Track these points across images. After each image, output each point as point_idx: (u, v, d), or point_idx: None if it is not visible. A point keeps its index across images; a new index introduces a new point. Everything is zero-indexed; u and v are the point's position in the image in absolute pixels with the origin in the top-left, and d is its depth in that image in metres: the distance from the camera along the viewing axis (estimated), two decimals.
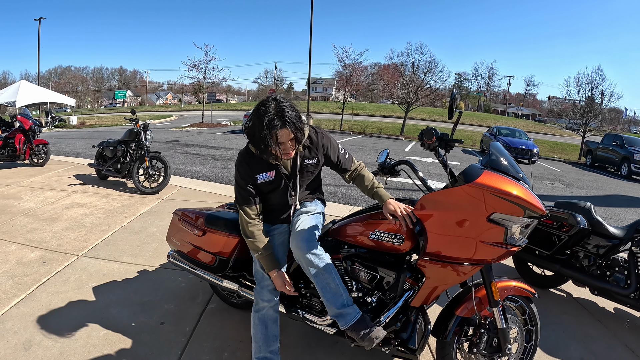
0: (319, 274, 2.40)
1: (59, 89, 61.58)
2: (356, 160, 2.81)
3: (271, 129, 2.25)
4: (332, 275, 2.42)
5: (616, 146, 19.17)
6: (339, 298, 2.41)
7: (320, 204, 2.82)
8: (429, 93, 30.17)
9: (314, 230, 2.51)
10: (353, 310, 2.40)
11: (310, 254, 2.40)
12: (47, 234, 5.02)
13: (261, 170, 2.52)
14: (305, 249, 2.41)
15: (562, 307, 3.93)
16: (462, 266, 2.27)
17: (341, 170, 2.76)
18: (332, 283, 2.41)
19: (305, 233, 2.46)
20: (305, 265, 2.42)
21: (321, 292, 2.43)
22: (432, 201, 2.31)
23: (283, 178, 2.57)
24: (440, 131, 2.43)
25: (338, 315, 2.41)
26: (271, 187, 2.58)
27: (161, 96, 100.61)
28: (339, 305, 2.40)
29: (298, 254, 2.45)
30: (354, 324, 2.36)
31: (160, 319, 3.32)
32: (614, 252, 3.72)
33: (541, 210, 2.12)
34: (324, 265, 2.41)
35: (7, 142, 9.12)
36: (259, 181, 2.53)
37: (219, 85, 39.79)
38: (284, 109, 2.28)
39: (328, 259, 2.45)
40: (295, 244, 2.46)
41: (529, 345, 2.64)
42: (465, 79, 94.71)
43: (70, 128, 27.09)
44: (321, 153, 2.63)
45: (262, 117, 2.26)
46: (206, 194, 7.40)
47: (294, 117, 2.30)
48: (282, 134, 2.29)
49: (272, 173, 2.54)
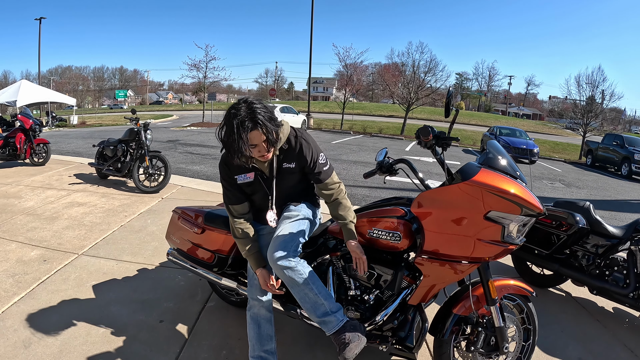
0: (294, 285, 2.36)
1: (60, 88, 61.62)
2: (337, 179, 2.66)
3: (242, 131, 2.17)
4: (310, 285, 2.36)
5: (617, 146, 19.15)
6: (320, 307, 2.37)
7: (305, 207, 2.67)
8: (429, 93, 30.17)
9: (293, 238, 2.44)
10: (335, 318, 2.35)
11: (283, 267, 2.34)
12: (48, 233, 5.04)
13: (240, 171, 2.51)
14: (277, 260, 2.34)
15: (561, 306, 3.93)
16: (460, 264, 2.27)
17: (315, 180, 2.60)
18: (310, 293, 2.36)
19: (282, 242, 2.40)
20: (280, 277, 2.39)
21: (300, 302, 2.41)
22: (430, 199, 2.31)
23: (262, 180, 2.53)
24: (438, 130, 2.44)
25: (320, 323, 2.39)
26: (251, 189, 2.57)
27: (162, 96, 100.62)
28: (320, 314, 2.36)
29: (272, 265, 2.38)
30: (335, 332, 2.33)
31: (159, 317, 3.33)
32: (613, 251, 3.72)
33: (538, 208, 2.13)
34: (299, 276, 2.35)
35: (7, 141, 9.13)
36: (239, 182, 2.52)
37: (219, 84, 39.82)
38: (255, 110, 2.20)
39: (303, 268, 2.38)
40: (269, 254, 2.39)
41: (527, 344, 2.64)
42: (466, 79, 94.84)
43: (70, 127, 27.13)
44: (297, 158, 2.52)
45: (232, 120, 2.19)
46: (206, 193, 7.41)
47: (265, 119, 2.22)
48: (253, 136, 2.21)
49: (251, 175, 2.51)
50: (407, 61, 31.50)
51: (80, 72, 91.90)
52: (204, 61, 30.38)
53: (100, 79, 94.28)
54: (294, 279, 2.34)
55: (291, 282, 2.36)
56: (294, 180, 2.61)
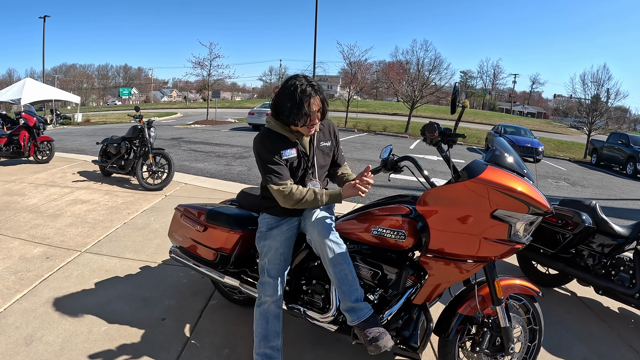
0: (338, 262, 2.36)
1: (64, 86, 61.81)
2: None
3: (304, 96, 2.38)
4: (350, 266, 2.39)
5: (622, 145, 19.08)
6: (355, 292, 2.37)
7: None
8: (433, 91, 30.08)
9: (330, 219, 2.49)
10: (366, 306, 2.36)
11: (330, 241, 2.37)
12: (51, 230, 5.03)
13: (284, 147, 2.53)
14: (325, 235, 2.37)
15: (566, 306, 3.90)
16: (465, 263, 2.24)
17: (334, 164, 2.85)
18: (349, 274, 2.37)
19: (324, 221, 2.44)
20: (326, 253, 2.37)
21: (338, 283, 2.38)
22: (435, 197, 2.28)
23: (302, 157, 2.57)
24: (443, 127, 2.41)
25: (350, 310, 2.37)
26: (294, 166, 2.57)
27: (166, 94, 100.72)
28: (354, 299, 2.36)
29: (318, 241, 2.39)
30: (364, 321, 2.32)
31: (161, 315, 3.32)
32: (619, 251, 3.68)
33: (545, 207, 2.09)
34: (342, 254, 2.38)
35: (11, 139, 9.16)
36: (284, 157, 2.51)
37: (223, 82, 39.75)
38: (313, 82, 2.46)
39: (346, 248, 2.42)
40: (315, 232, 2.41)
41: (533, 344, 2.61)
42: (471, 77, 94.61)
43: (75, 125, 27.17)
44: (332, 136, 2.76)
45: (296, 88, 2.39)
46: (210, 191, 7.40)
47: (322, 90, 2.50)
48: (314, 101, 2.42)
49: (294, 150, 2.55)
50: (412, 59, 31.54)
51: (85, 70, 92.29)
52: (208, 59, 30.35)
53: (104, 77, 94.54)
54: (339, 257, 2.36)
55: (335, 260, 2.36)
56: (326, 161, 2.76)
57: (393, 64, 37.21)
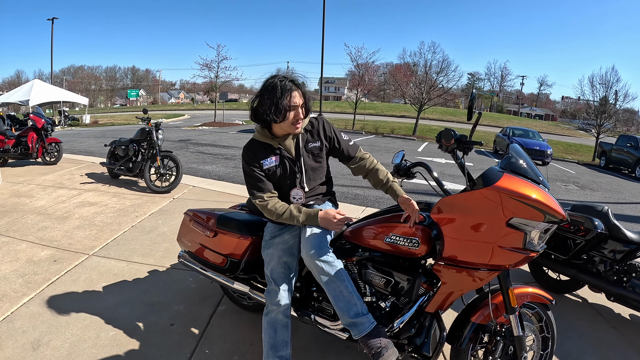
0: (330, 281, 2.34)
1: (72, 88, 62.34)
2: (364, 151, 2.79)
3: (285, 91, 2.37)
4: (345, 282, 2.35)
5: (631, 148, 18.93)
6: (353, 307, 2.34)
7: (331, 206, 2.78)
8: (441, 93, 30.02)
9: (325, 235, 2.45)
10: (367, 319, 2.33)
11: (320, 261, 2.33)
12: (58, 233, 5.03)
13: (265, 156, 2.52)
14: (315, 255, 2.34)
15: (577, 312, 3.85)
16: (479, 272, 2.21)
17: (345, 158, 2.72)
18: (344, 291, 2.34)
19: (316, 239, 2.40)
20: (317, 272, 2.36)
21: (333, 301, 2.37)
22: (450, 205, 2.24)
23: (287, 162, 2.55)
24: (458, 133, 2.38)
25: (351, 325, 2.35)
26: (278, 173, 2.55)
27: (174, 95, 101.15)
28: (352, 315, 2.33)
29: (308, 261, 2.38)
30: (366, 335, 2.29)
31: (169, 320, 3.30)
32: (631, 257, 3.62)
33: (561, 215, 2.05)
34: (335, 273, 2.34)
35: (20, 140, 9.22)
36: (265, 166, 2.51)
37: (231, 84, 39.89)
38: (293, 78, 2.47)
39: (340, 265, 2.39)
40: (305, 251, 2.39)
41: (545, 353, 2.57)
42: (478, 79, 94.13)
43: (83, 127, 27.33)
44: (323, 136, 2.65)
45: (275, 85, 2.39)
46: (218, 194, 7.39)
47: (303, 84, 2.50)
48: (295, 94, 2.41)
49: (276, 158, 2.53)
50: (419, 61, 31.50)
51: (93, 71, 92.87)
52: (216, 61, 30.50)
53: (112, 79, 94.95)
54: (332, 275, 2.33)
55: (328, 279, 2.33)
56: (318, 163, 2.66)
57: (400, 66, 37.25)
